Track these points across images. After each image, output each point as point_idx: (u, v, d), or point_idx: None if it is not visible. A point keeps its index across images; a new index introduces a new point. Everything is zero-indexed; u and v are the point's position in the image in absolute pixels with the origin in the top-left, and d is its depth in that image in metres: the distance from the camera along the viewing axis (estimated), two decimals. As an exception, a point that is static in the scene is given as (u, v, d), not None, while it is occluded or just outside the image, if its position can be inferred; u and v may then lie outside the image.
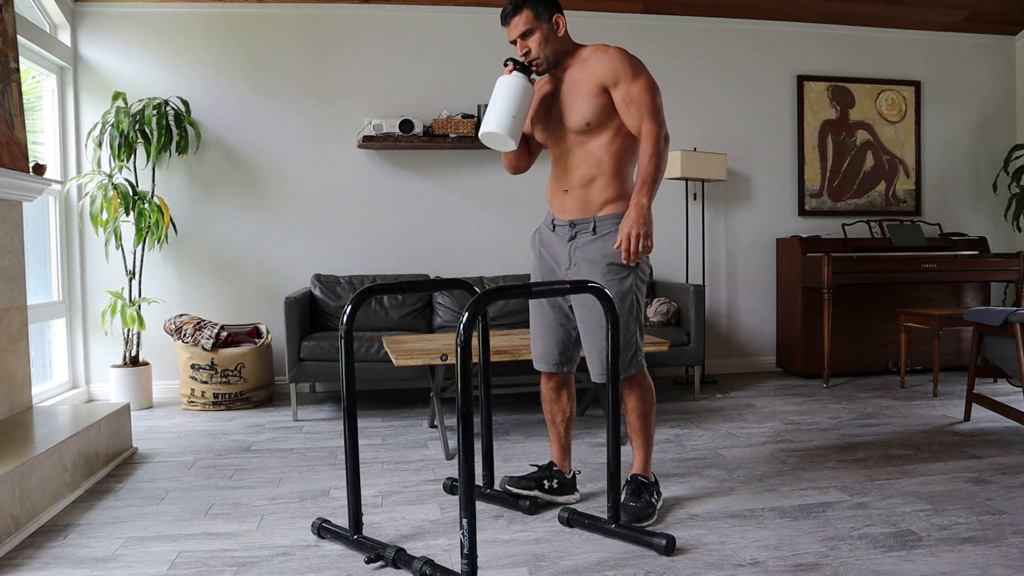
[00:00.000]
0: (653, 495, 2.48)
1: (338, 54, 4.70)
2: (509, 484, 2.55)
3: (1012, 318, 3.28)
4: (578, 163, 2.40)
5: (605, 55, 2.33)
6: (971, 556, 2.12)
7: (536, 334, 2.56)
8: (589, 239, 2.40)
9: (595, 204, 2.39)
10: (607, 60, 2.32)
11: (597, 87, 2.33)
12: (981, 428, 3.57)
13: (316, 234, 4.71)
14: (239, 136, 4.62)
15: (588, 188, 2.39)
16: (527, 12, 2.32)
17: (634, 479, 2.48)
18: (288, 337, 3.96)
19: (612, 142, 2.37)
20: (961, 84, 5.48)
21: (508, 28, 2.37)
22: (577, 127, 2.37)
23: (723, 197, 5.17)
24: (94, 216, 4.10)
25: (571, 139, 2.40)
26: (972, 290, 5.24)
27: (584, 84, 2.35)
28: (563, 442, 2.63)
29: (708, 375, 5.00)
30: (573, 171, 2.41)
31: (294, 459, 3.22)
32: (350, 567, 2.11)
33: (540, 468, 2.63)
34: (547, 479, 2.58)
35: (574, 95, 2.37)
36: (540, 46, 2.35)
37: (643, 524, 2.37)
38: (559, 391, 2.59)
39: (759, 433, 3.55)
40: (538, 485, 2.56)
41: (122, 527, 2.44)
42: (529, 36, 2.34)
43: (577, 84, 2.37)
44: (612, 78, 2.31)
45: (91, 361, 4.53)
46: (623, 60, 2.32)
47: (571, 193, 2.42)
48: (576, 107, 2.36)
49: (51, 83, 4.35)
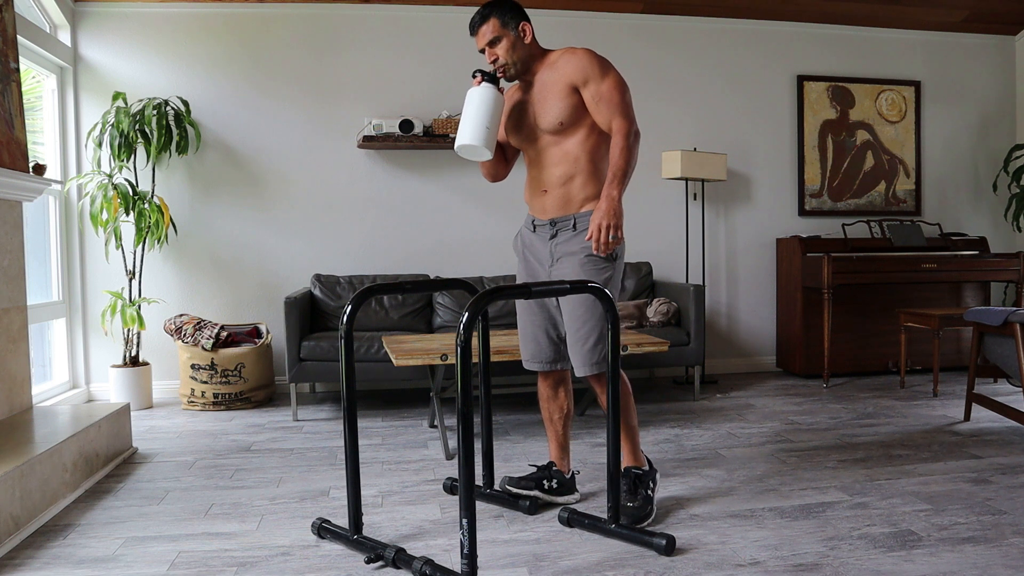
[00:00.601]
0: (649, 486, 2.48)
1: (338, 54, 4.70)
2: (509, 484, 2.56)
3: (1012, 318, 3.28)
4: (555, 162, 2.45)
5: (574, 56, 2.39)
6: (971, 556, 2.12)
7: (525, 335, 2.59)
8: (570, 235, 2.44)
9: (575, 202, 2.44)
10: (576, 61, 2.37)
11: (567, 87, 2.38)
12: (981, 428, 3.57)
13: (316, 234, 4.71)
14: (239, 136, 4.62)
15: (567, 186, 2.44)
16: (494, 20, 2.39)
17: (628, 472, 2.49)
18: (288, 337, 3.96)
19: (587, 139, 2.42)
20: (961, 84, 5.48)
21: (476, 38, 2.43)
22: (551, 127, 2.42)
23: (723, 197, 5.17)
24: (94, 216, 4.10)
25: (545, 140, 2.46)
26: (972, 290, 5.24)
27: (555, 85, 2.40)
28: (561, 440, 2.64)
29: (708, 375, 5.00)
30: (550, 171, 2.46)
31: (294, 459, 3.22)
32: (350, 567, 2.11)
33: (539, 468, 2.63)
34: (547, 479, 2.59)
35: (545, 97, 2.42)
36: (508, 52, 2.41)
37: (642, 525, 2.37)
38: (556, 389, 2.61)
39: (759, 433, 3.55)
40: (538, 485, 2.56)
41: (122, 527, 2.44)
42: (497, 44, 2.41)
43: (547, 86, 2.42)
44: (582, 77, 2.36)
45: (91, 361, 4.53)
46: (591, 60, 2.37)
47: (550, 192, 2.46)
48: (548, 108, 2.41)
49: (51, 83, 4.35)
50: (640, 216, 5.00)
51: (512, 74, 2.45)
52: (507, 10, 2.41)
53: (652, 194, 5.05)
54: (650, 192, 5.04)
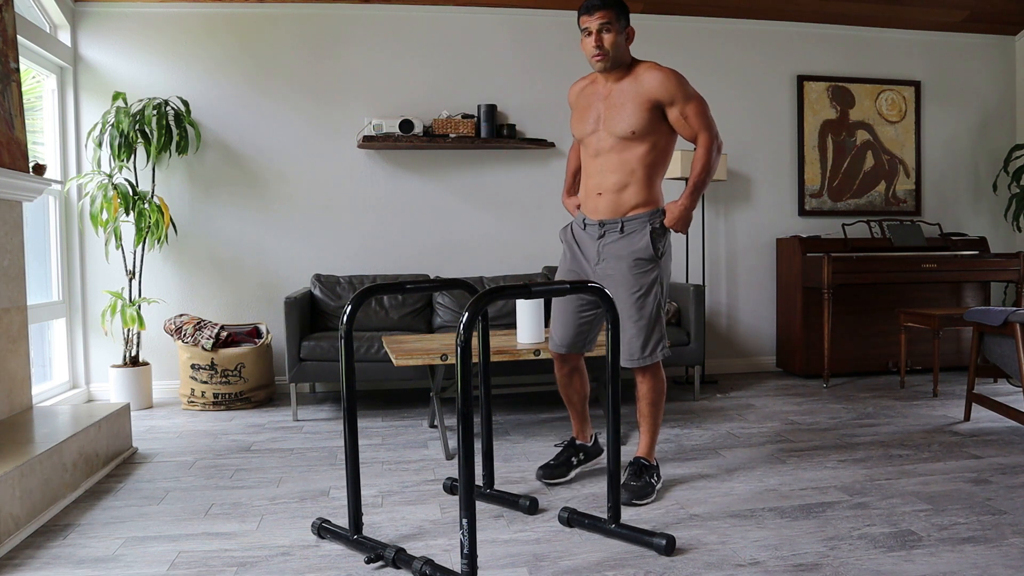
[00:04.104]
0: (653, 476, 2.66)
1: (338, 54, 4.70)
2: (545, 478, 2.80)
3: (1012, 318, 3.28)
4: (613, 169, 2.61)
5: (660, 74, 2.54)
6: (971, 556, 2.12)
7: (557, 321, 2.78)
8: (617, 237, 2.62)
9: (625, 207, 2.62)
10: (663, 79, 2.54)
11: (649, 101, 2.54)
12: (981, 428, 3.57)
13: (316, 234, 4.71)
14: (239, 136, 4.62)
15: (620, 193, 2.62)
16: (612, 11, 2.52)
17: (636, 461, 2.69)
18: (288, 337, 3.96)
19: (648, 154, 2.59)
20: (961, 84, 5.48)
21: (589, 18, 2.53)
22: (623, 133, 2.57)
23: (723, 197, 5.17)
24: (94, 216, 4.10)
25: (612, 145, 2.61)
26: (972, 290, 5.24)
27: (636, 96, 2.55)
28: (582, 415, 2.92)
29: (708, 375, 5.00)
30: (608, 176, 2.62)
31: (294, 459, 3.22)
32: (350, 567, 2.11)
33: (564, 449, 2.88)
34: (574, 456, 2.86)
35: (623, 104, 2.57)
36: (611, 43, 2.52)
37: (642, 502, 2.56)
38: (571, 376, 2.85)
39: (759, 433, 3.55)
40: (568, 467, 2.83)
41: (122, 527, 2.44)
42: (606, 31, 2.52)
43: (628, 95, 2.57)
44: (668, 98, 2.54)
45: (91, 361, 4.53)
46: (677, 82, 2.54)
47: (604, 196, 2.64)
48: (624, 116, 2.56)
49: (51, 83, 4.35)
50: (640, 216, 4.99)
51: (604, 66, 2.56)
52: (623, 8, 2.56)
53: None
54: (650, 192, 5.04)
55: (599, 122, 2.62)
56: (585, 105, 2.69)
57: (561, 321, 2.76)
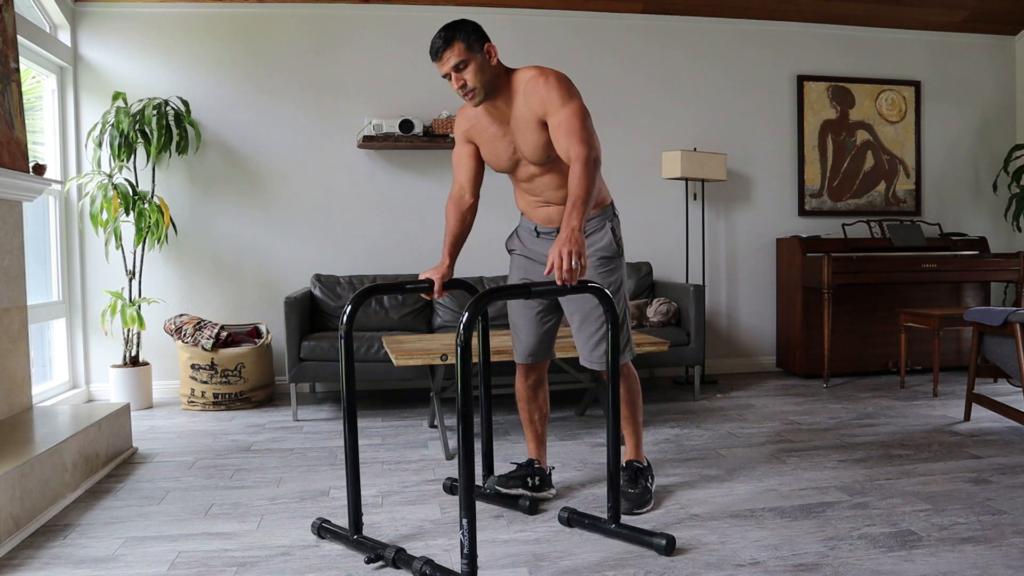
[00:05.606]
0: (648, 479, 2.62)
1: (338, 54, 4.69)
2: (498, 485, 2.60)
3: (1012, 318, 3.28)
4: (554, 185, 2.45)
5: (537, 85, 2.29)
6: (971, 556, 2.12)
7: (521, 331, 2.63)
8: None
9: None
10: (539, 92, 2.28)
11: (538, 122, 2.32)
12: (981, 428, 3.57)
13: (316, 234, 4.71)
14: (239, 136, 4.62)
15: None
16: (459, 44, 2.24)
17: (630, 465, 2.63)
18: (288, 337, 3.96)
19: None
20: (961, 84, 5.48)
21: (440, 64, 2.28)
22: (540, 160, 2.38)
23: (723, 197, 5.17)
24: (94, 216, 4.10)
25: (540, 169, 2.42)
26: (972, 290, 5.24)
27: (530, 121, 2.33)
28: (541, 437, 2.74)
29: (708, 375, 5.00)
30: (551, 192, 2.47)
31: (294, 459, 3.22)
32: (350, 567, 2.11)
33: (520, 467, 2.68)
34: (530, 476, 2.65)
35: (524, 131, 2.35)
36: (475, 76, 2.27)
37: (643, 510, 2.49)
38: (536, 390, 2.69)
39: (759, 433, 3.55)
40: (522, 483, 2.62)
41: (122, 527, 2.44)
42: (463, 68, 2.26)
43: (524, 121, 2.34)
44: (543, 111, 2.29)
45: (91, 361, 4.53)
46: (550, 89, 2.27)
47: (553, 207, 2.49)
48: (530, 144, 2.36)
49: (51, 83, 4.35)
50: (640, 216, 4.99)
51: (479, 100, 2.32)
52: (471, 32, 2.27)
53: (652, 194, 5.05)
54: (650, 192, 5.04)
55: (515, 152, 2.42)
56: (489, 139, 2.45)
57: (525, 331, 2.61)
